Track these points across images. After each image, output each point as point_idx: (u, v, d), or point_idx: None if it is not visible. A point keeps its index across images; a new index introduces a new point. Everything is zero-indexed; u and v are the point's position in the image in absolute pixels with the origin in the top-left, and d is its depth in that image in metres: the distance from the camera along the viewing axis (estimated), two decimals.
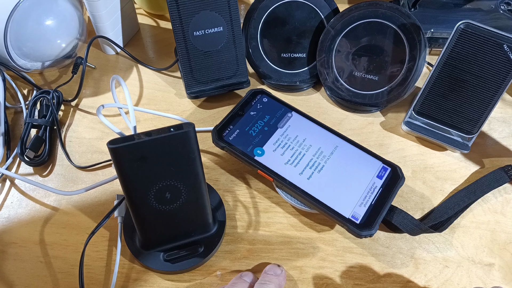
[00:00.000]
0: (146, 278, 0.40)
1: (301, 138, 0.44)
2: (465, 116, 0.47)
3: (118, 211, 0.41)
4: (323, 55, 0.51)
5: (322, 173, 0.42)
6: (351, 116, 0.52)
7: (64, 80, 0.54)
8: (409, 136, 0.50)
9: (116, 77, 0.40)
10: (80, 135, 0.49)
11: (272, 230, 0.43)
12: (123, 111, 0.45)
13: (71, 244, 0.41)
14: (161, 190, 0.35)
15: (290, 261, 0.41)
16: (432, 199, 0.45)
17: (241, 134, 0.44)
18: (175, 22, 0.47)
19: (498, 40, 0.44)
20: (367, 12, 0.49)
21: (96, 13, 0.51)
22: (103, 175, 0.46)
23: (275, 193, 0.45)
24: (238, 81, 0.51)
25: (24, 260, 0.40)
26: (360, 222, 0.39)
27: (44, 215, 0.43)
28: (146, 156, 0.33)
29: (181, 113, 0.51)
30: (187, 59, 0.49)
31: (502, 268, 0.41)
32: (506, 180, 0.45)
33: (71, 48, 0.52)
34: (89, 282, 0.39)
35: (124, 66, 0.56)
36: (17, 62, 0.49)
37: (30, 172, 0.46)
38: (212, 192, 0.44)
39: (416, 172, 0.47)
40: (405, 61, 0.49)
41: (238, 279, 0.37)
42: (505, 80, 0.45)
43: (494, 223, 0.44)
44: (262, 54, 0.53)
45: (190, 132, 0.33)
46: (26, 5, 0.46)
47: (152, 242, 0.39)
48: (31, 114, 0.48)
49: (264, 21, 0.52)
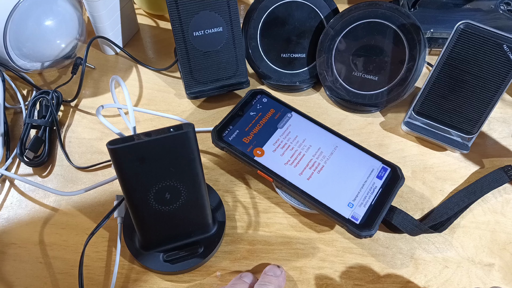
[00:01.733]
0: (146, 278, 0.39)
1: (301, 139, 0.44)
2: (465, 116, 0.47)
3: (118, 211, 0.41)
4: (322, 55, 0.51)
5: (322, 173, 0.42)
6: (350, 116, 0.52)
7: (63, 80, 0.54)
8: (409, 136, 0.50)
9: (115, 77, 0.40)
10: (79, 135, 0.49)
11: (272, 231, 0.43)
12: (122, 112, 0.45)
13: (70, 244, 0.41)
14: (161, 191, 0.35)
15: (290, 262, 0.41)
16: (432, 199, 0.45)
17: (241, 135, 0.44)
18: (174, 23, 0.47)
19: (498, 40, 0.44)
20: (366, 12, 0.49)
21: (96, 14, 0.51)
22: (103, 176, 0.46)
23: (275, 194, 0.45)
24: (238, 82, 0.51)
25: (23, 260, 0.40)
26: (360, 223, 0.39)
27: (44, 216, 0.43)
28: (145, 157, 0.33)
29: (181, 113, 0.51)
30: (186, 59, 0.49)
31: (502, 268, 0.41)
32: (506, 180, 0.45)
33: (70, 49, 0.52)
34: (88, 283, 0.39)
35: (124, 66, 0.56)
36: (17, 63, 0.49)
37: (29, 172, 0.46)
38: (212, 193, 0.44)
39: (416, 173, 0.47)
40: (405, 61, 0.49)
41: (238, 279, 0.37)
42: (504, 80, 0.45)
43: (494, 223, 0.44)
44: (261, 54, 0.53)
45: (189, 132, 0.33)
46: (26, 5, 0.46)
47: (152, 242, 0.38)
48: (30, 115, 0.48)
49: (264, 21, 0.52)
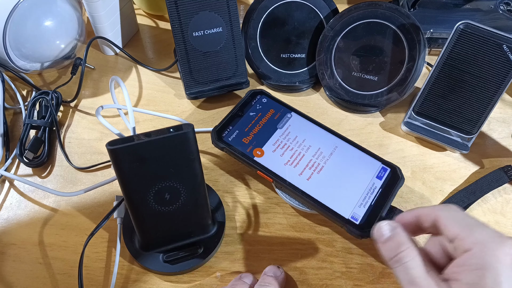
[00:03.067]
0: (146, 279, 0.39)
1: (301, 139, 0.44)
2: (464, 117, 0.47)
3: (118, 212, 0.41)
4: (322, 55, 0.51)
5: (322, 173, 0.42)
6: (350, 116, 0.52)
7: (63, 81, 0.54)
8: (409, 136, 0.50)
9: (115, 78, 0.40)
10: (79, 136, 0.49)
11: (272, 231, 0.42)
12: (122, 112, 0.45)
13: (70, 245, 0.41)
14: (161, 191, 0.35)
15: (289, 262, 0.41)
16: (432, 199, 0.45)
17: (241, 135, 0.44)
18: (174, 23, 0.47)
19: (497, 40, 0.44)
20: (366, 12, 0.49)
21: (95, 14, 0.51)
22: (103, 176, 0.46)
23: (275, 194, 0.45)
24: (238, 82, 0.51)
25: (23, 261, 0.40)
26: (359, 223, 0.39)
27: (43, 216, 0.43)
28: (145, 157, 0.33)
29: (181, 113, 0.51)
30: (186, 59, 0.49)
31: None
32: (506, 180, 0.45)
33: (70, 49, 0.52)
34: (88, 283, 0.39)
35: (123, 66, 0.56)
36: (16, 63, 0.49)
37: (29, 173, 0.46)
38: (212, 193, 0.44)
39: (416, 173, 0.47)
40: (405, 62, 0.49)
41: (238, 280, 0.37)
42: (504, 80, 0.45)
43: (493, 224, 0.44)
44: (261, 54, 0.53)
45: (189, 133, 0.33)
46: (25, 6, 0.46)
47: (152, 243, 0.38)
48: (30, 115, 0.48)
49: (264, 22, 0.52)
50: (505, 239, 0.26)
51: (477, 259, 0.25)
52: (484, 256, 0.25)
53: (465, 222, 0.28)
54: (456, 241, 0.27)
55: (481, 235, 0.26)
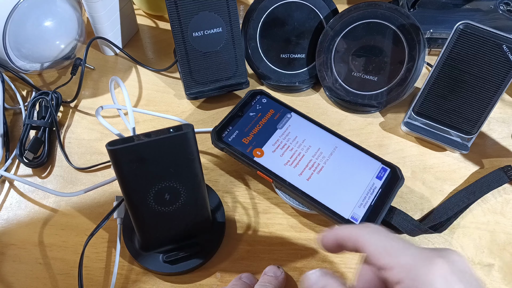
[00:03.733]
0: (146, 279, 0.39)
1: (301, 139, 0.44)
2: (464, 117, 0.47)
3: (117, 212, 0.41)
4: (322, 55, 0.51)
5: (322, 174, 0.42)
6: (350, 116, 0.52)
7: (63, 81, 0.54)
8: (409, 136, 0.50)
9: (115, 78, 0.40)
10: (79, 136, 0.49)
11: (272, 231, 0.42)
12: (122, 112, 0.45)
13: (70, 245, 0.41)
14: (160, 192, 0.35)
15: (289, 262, 0.41)
16: (432, 199, 0.45)
17: (240, 135, 0.44)
18: (174, 23, 0.47)
19: (497, 40, 0.44)
20: (366, 12, 0.49)
21: (95, 14, 0.51)
22: (102, 177, 0.46)
23: (275, 194, 0.45)
24: (237, 82, 0.51)
25: (23, 261, 0.40)
26: (359, 223, 0.39)
27: (43, 217, 0.43)
28: (145, 158, 0.33)
29: (180, 114, 0.51)
30: (186, 60, 0.49)
31: (501, 269, 0.41)
32: (506, 180, 0.45)
33: (70, 49, 0.52)
34: (88, 284, 0.39)
35: (123, 67, 0.56)
36: (16, 63, 0.49)
37: (29, 173, 0.46)
38: (212, 193, 0.44)
39: (416, 173, 0.47)
40: (404, 62, 0.49)
41: (238, 280, 0.37)
42: (504, 80, 0.45)
43: (493, 224, 0.44)
44: (261, 54, 0.53)
45: (189, 133, 0.33)
46: (25, 6, 0.46)
47: (152, 243, 0.38)
48: (30, 116, 0.48)
49: (263, 22, 0.52)
50: (432, 257, 0.24)
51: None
52: (418, 286, 0.24)
53: (389, 246, 0.26)
54: (385, 272, 0.25)
55: (407, 259, 0.25)
